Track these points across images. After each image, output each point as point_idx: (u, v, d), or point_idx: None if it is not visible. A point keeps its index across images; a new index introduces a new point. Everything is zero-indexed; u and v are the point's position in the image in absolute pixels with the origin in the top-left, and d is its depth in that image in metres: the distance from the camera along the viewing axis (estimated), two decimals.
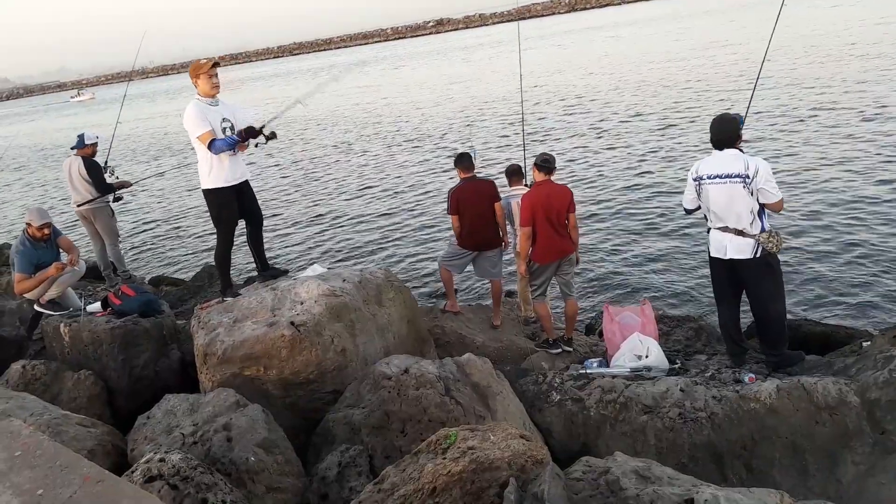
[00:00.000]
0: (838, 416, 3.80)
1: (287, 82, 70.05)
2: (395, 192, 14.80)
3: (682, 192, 5.11)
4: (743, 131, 4.69)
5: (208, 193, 5.01)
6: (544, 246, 5.54)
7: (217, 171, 4.94)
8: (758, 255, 4.52)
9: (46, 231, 5.90)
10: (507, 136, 19.25)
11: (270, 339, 4.28)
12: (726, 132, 4.59)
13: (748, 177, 4.42)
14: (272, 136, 5.02)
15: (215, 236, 5.22)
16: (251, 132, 4.93)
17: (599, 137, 17.22)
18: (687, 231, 9.59)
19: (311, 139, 25.25)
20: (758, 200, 4.48)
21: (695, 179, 4.71)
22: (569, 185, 5.77)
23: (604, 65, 35.44)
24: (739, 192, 4.47)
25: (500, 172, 7.50)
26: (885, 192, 9.79)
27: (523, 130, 9.74)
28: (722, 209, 4.59)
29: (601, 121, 19.41)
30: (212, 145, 4.79)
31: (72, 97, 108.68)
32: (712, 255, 4.80)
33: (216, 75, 4.94)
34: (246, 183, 5.19)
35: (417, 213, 12.85)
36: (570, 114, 21.54)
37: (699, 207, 4.82)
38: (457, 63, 58.11)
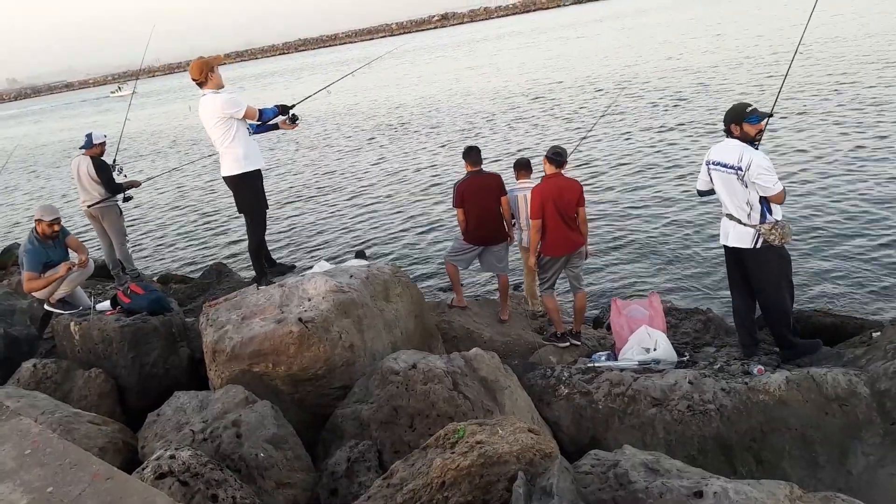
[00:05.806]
0: (848, 408, 3.78)
1: (297, 77, 69.88)
2: (402, 187, 14.78)
3: (691, 184, 5.11)
4: (768, 122, 4.65)
5: (249, 176, 5.10)
6: (555, 239, 5.53)
7: (255, 154, 5.11)
8: (757, 246, 4.51)
9: (56, 227, 5.93)
10: (519, 130, 19.20)
11: (279, 336, 4.28)
12: (726, 120, 4.63)
13: (741, 169, 4.42)
14: (294, 118, 5.46)
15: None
16: (283, 109, 5.33)
17: (610, 125, 17.15)
18: (696, 222, 9.51)
19: (315, 134, 25.25)
20: (756, 192, 4.46)
21: (707, 163, 4.75)
22: (577, 178, 5.75)
23: (616, 55, 35.25)
24: (734, 182, 4.50)
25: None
26: None
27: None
28: (723, 197, 4.65)
29: (611, 112, 19.29)
30: (262, 114, 5.14)
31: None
32: (720, 240, 4.84)
33: None
34: None
35: (424, 208, 12.84)
36: (583, 105, 21.44)
37: (712, 191, 4.82)
38: (464, 56, 57.96)
